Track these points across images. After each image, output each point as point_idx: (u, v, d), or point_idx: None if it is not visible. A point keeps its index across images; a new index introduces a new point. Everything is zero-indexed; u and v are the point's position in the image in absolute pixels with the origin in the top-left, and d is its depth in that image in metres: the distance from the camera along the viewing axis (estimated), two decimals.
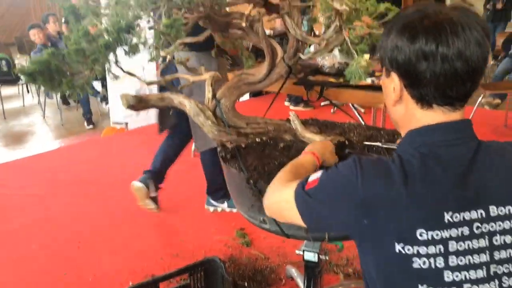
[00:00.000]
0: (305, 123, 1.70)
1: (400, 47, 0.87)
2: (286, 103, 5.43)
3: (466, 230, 0.84)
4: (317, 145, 1.32)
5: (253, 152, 1.57)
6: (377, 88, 2.53)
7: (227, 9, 1.62)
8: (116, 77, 1.37)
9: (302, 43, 1.52)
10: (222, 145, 1.60)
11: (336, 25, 1.37)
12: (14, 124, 5.90)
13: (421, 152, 0.88)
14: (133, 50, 1.23)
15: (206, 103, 1.58)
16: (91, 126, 5.42)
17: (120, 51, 1.31)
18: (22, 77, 1.26)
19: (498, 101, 5.16)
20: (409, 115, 0.94)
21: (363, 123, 2.48)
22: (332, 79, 2.72)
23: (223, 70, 2.58)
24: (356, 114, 3.23)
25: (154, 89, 4.88)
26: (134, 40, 1.23)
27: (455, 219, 0.84)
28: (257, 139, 1.62)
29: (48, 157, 4.33)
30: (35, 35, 5.51)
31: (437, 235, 0.84)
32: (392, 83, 0.93)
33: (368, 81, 2.69)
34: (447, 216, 0.84)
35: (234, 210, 2.92)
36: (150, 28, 1.27)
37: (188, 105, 1.56)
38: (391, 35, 0.90)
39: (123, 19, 1.19)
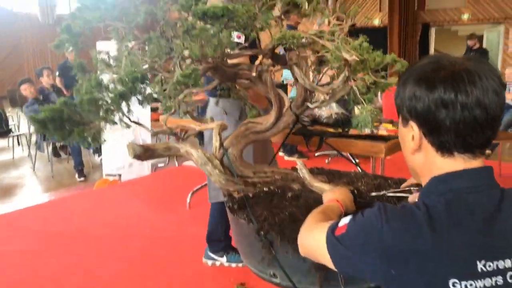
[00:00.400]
0: (310, 172, 1.69)
1: (419, 96, 0.89)
2: (280, 154, 5.45)
3: (500, 280, 0.82)
4: (338, 193, 1.33)
5: (261, 202, 1.54)
6: (376, 138, 2.55)
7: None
8: (128, 126, 1.35)
9: (310, 93, 1.54)
10: (229, 195, 1.57)
11: (344, 75, 1.39)
12: (3, 177, 5.79)
13: (447, 199, 0.87)
14: (147, 99, 1.23)
15: (213, 152, 1.57)
16: (82, 178, 5.34)
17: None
18: (32, 125, 1.23)
19: (489, 151, 5.25)
20: (429, 163, 0.94)
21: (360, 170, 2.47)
22: (330, 129, 2.74)
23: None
24: (354, 164, 3.23)
25: (148, 139, 4.88)
26: (148, 90, 1.23)
27: (488, 268, 0.82)
28: (265, 189, 1.59)
29: (38, 210, 4.22)
30: (26, 90, 5.58)
31: (471, 285, 0.81)
32: (411, 132, 0.94)
33: (367, 131, 2.71)
34: (480, 265, 0.82)
35: (233, 265, 2.83)
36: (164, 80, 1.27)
37: (195, 154, 1.54)
38: (408, 85, 0.92)
39: (137, 69, 1.20)
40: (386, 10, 10.51)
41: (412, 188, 1.53)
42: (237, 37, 1.77)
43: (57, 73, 7.11)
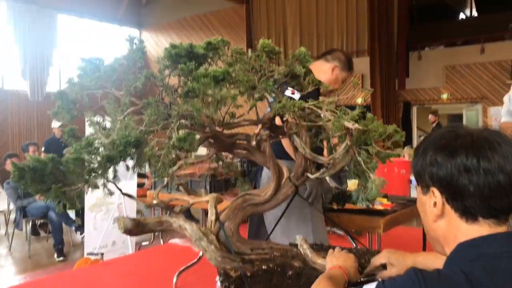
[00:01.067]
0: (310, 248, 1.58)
1: (440, 162, 0.91)
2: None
3: None
4: (342, 260, 1.29)
5: (260, 281, 1.42)
6: (373, 213, 2.47)
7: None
8: (111, 193, 1.27)
9: (310, 163, 1.48)
10: (225, 274, 1.45)
11: (346, 144, 1.35)
12: None
13: (482, 265, 0.84)
14: (138, 164, 1.15)
15: (208, 226, 1.47)
16: (62, 258, 5.06)
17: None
18: (12, 172, 1.15)
19: None
20: (453, 229, 0.92)
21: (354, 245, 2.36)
22: (327, 205, 2.66)
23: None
24: (350, 239, 3.11)
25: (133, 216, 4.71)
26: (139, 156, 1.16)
27: None
28: (264, 267, 1.48)
29: None
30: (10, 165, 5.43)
31: None
32: (432, 199, 0.94)
33: (363, 205, 2.63)
34: None
35: None
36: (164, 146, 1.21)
37: (189, 228, 1.44)
38: (428, 153, 0.94)
39: (131, 133, 1.14)
40: (368, 90, 10.90)
41: (379, 270, 1.41)
42: (292, 92, 1.74)
43: (42, 149, 7.02)
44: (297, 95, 1.70)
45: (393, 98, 10.75)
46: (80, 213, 5.55)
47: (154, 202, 1.56)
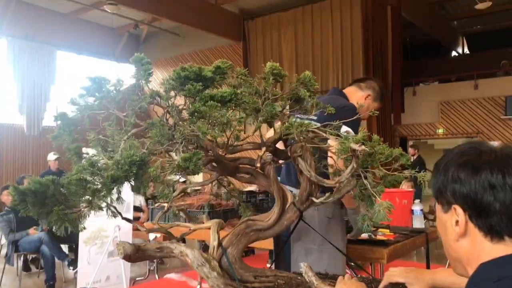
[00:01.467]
0: None
1: (464, 179, 0.88)
2: (268, 264, 5.17)
3: None
4: (353, 286, 1.25)
5: None
6: (376, 243, 2.42)
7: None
8: (115, 214, 1.23)
9: (315, 187, 1.46)
10: None
11: (352, 167, 1.33)
12: None
13: (506, 287, 0.80)
14: (143, 185, 1.12)
15: (210, 252, 1.43)
16: None
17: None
18: (12, 196, 1.10)
19: None
20: (477, 249, 0.88)
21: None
22: None
23: None
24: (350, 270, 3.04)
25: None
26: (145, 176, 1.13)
27: None
28: None
29: None
30: (6, 195, 5.35)
31: None
32: (453, 217, 0.91)
33: (365, 235, 2.59)
34: None
35: None
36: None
37: (190, 254, 1.40)
38: (450, 170, 0.91)
39: (136, 153, 1.11)
40: (364, 125, 11.00)
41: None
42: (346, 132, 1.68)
43: None
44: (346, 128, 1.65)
45: (390, 133, 10.83)
46: (74, 248, 5.43)
47: (155, 226, 1.52)
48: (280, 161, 1.59)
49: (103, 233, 4.49)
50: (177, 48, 13.12)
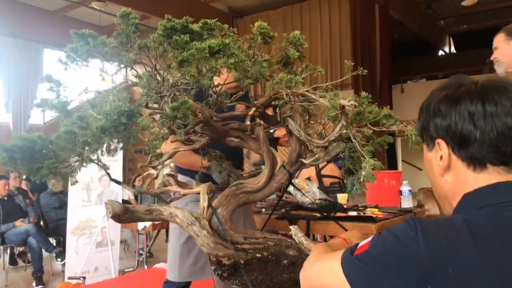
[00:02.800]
0: None
1: (444, 111, 0.88)
2: None
3: None
4: (345, 234, 1.25)
5: (254, 269, 1.36)
6: (365, 219, 2.43)
7: None
8: (105, 167, 1.22)
9: (304, 148, 1.46)
10: (217, 262, 1.39)
11: (342, 125, 1.33)
12: None
13: (485, 215, 0.78)
14: (133, 138, 1.12)
15: (200, 212, 1.43)
16: (40, 287, 4.85)
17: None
18: (1, 155, 1.08)
19: None
20: (461, 181, 0.88)
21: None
22: (316, 214, 2.62)
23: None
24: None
25: (117, 240, 4.59)
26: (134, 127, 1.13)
27: None
28: (258, 255, 1.42)
29: None
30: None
31: None
32: (438, 153, 0.90)
33: (354, 213, 2.61)
34: None
35: None
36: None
37: (180, 214, 1.40)
38: (431, 106, 0.91)
39: (124, 104, 1.11)
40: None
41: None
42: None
43: (24, 177, 6.87)
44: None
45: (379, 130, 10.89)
46: (62, 241, 5.38)
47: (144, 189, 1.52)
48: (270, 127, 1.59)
49: (91, 223, 4.45)
50: None
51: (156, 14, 10.48)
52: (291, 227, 1.50)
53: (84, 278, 4.07)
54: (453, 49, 15.62)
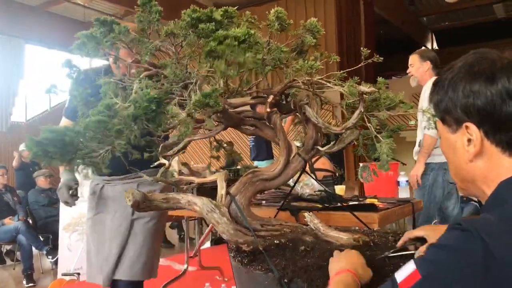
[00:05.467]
0: None
1: (478, 91, 0.82)
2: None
3: None
4: (345, 261, 1.10)
5: (273, 255, 1.38)
6: (367, 208, 2.47)
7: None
8: (138, 155, 1.22)
9: (320, 135, 1.49)
10: (237, 249, 1.41)
11: (360, 111, 1.36)
12: None
13: None
14: (163, 123, 1.12)
15: (218, 200, 1.44)
16: (31, 284, 4.77)
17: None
18: (30, 149, 1.06)
19: None
20: (494, 166, 0.83)
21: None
22: (317, 205, 2.65)
23: None
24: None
25: None
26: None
27: None
28: (276, 241, 1.44)
29: None
30: None
31: None
32: (464, 136, 0.85)
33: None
34: None
35: None
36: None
37: (199, 202, 1.40)
38: (459, 85, 0.85)
39: (152, 91, 1.11)
40: (339, 117, 11.17)
41: (416, 243, 1.39)
42: None
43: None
44: None
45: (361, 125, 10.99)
46: (51, 239, 5.31)
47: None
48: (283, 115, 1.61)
49: (84, 219, 4.38)
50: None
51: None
52: (306, 213, 1.53)
53: (78, 274, 4.03)
54: (435, 46, 15.85)
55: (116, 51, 1.29)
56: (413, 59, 3.56)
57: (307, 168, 4.26)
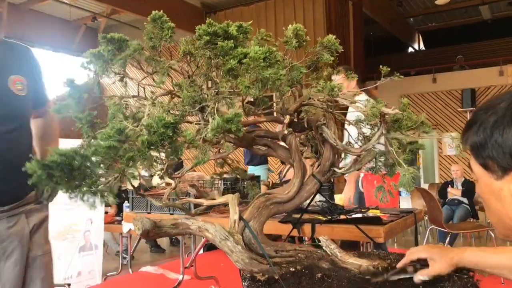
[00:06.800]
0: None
1: None
2: None
3: None
4: None
5: (289, 284, 1.31)
6: (372, 221, 2.42)
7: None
8: (149, 184, 1.13)
9: (338, 157, 1.42)
10: (251, 278, 1.33)
11: (381, 132, 1.30)
12: None
13: None
14: (179, 150, 1.03)
15: (231, 226, 1.36)
16: None
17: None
18: (35, 171, 0.95)
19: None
20: None
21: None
22: (320, 217, 2.59)
23: None
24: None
25: (99, 244, 4.44)
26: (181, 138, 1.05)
27: None
28: (291, 269, 1.37)
29: None
30: None
31: None
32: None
33: (358, 215, 2.59)
34: None
35: None
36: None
37: (211, 229, 1.32)
38: (507, 130, 0.78)
39: (169, 115, 1.03)
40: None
41: (415, 265, 1.30)
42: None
43: None
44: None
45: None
46: None
47: (165, 202, 1.43)
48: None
49: (74, 227, 4.28)
50: (136, 37, 12.76)
51: (127, 8, 10.19)
52: (321, 238, 1.46)
53: (69, 285, 3.91)
54: (422, 46, 15.97)
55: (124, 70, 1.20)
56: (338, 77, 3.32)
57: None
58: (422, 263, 1.28)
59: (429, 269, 1.22)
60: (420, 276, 1.23)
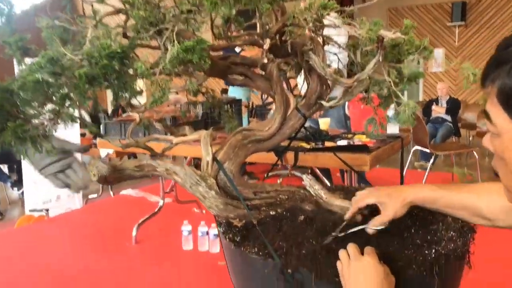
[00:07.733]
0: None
1: None
2: None
3: None
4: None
5: (269, 229, 1.18)
6: (357, 149, 2.30)
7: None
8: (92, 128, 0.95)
9: (326, 88, 1.23)
10: (227, 224, 1.20)
11: (377, 59, 1.10)
12: None
13: None
14: (129, 86, 0.84)
15: (204, 168, 1.20)
16: None
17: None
18: None
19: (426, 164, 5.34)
20: None
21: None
22: (303, 144, 2.45)
23: None
24: (325, 179, 2.99)
25: None
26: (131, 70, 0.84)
27: None
28: (271, 212, 1.24)
29: None
30: None
31: None
32: None
33: (344, 142, 2.46)
34: None
35: None
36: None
37: (181, 172, 1.17)
38: None
39: (115, 43, 0.81)
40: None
41: (364, 213, 1.16)
42: None
43: None
44: None
45: None
46: (16, 168, 5.02)
47: (128, 141, 1.26)
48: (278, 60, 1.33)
49: None
50: None
51: None
52: (304, 177, 1.32)
53: (47, 210, 3.83)
54: None
55: None
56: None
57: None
58: (372, 209, 1.13)
59: (382, 216, 1.08)
60: (373, 227, 1.08)
